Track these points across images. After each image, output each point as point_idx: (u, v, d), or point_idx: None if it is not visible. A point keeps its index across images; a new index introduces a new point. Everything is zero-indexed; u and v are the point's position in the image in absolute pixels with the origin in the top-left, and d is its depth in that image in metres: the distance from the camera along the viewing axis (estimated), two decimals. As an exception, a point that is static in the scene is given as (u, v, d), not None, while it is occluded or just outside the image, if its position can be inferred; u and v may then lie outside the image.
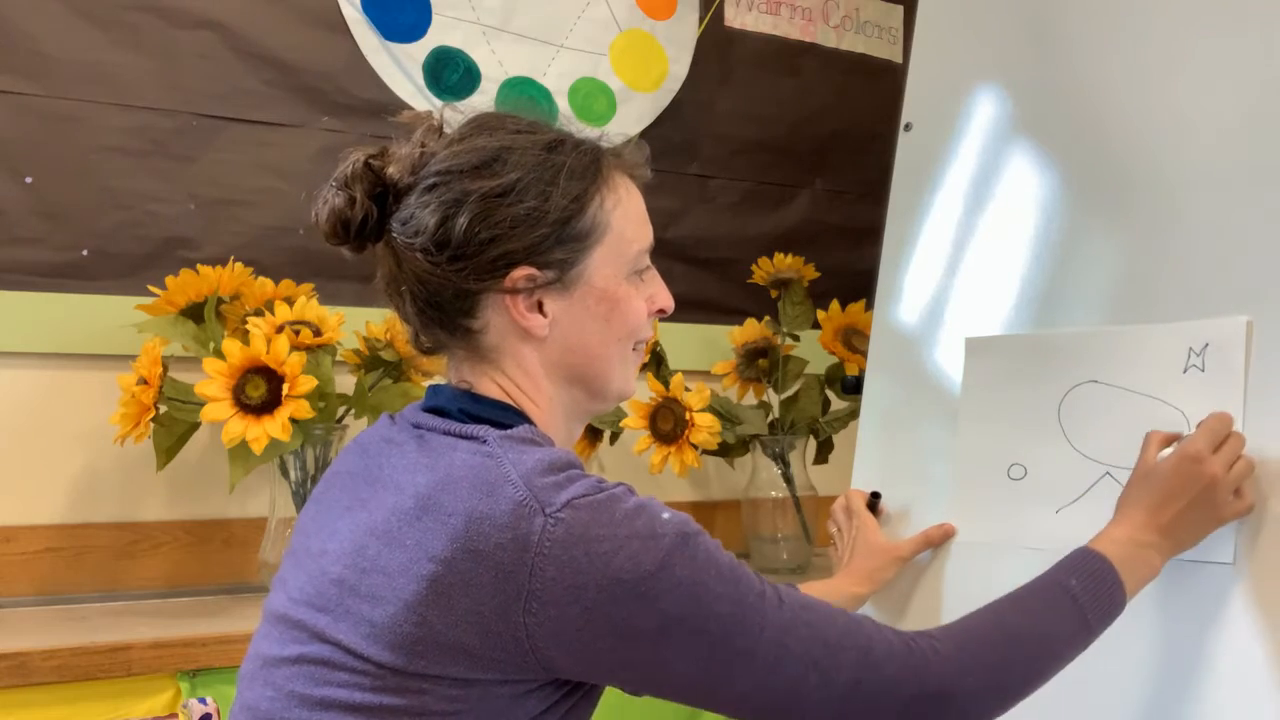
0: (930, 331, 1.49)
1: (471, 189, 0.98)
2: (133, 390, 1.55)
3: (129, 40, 1.76)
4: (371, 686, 0.89)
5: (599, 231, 1.01)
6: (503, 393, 1.02)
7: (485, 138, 1.01)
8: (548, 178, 0.99)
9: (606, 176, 1.03)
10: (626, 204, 1.04)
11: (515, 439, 0.96)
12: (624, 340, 1.05)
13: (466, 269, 0.98)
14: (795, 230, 2.32)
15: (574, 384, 1.04)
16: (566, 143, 1.03)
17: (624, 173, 1.06)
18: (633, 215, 1.05)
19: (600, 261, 1.02)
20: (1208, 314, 1.21)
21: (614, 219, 1.03)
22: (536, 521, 0.89)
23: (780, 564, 2.01)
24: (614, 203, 1.03)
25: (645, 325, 1.07)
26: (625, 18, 2.16)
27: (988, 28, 1.51)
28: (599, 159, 1.04)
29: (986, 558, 1.36)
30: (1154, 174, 1.30)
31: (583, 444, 2.00)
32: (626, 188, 1.05)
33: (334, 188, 1.01)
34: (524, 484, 0.91)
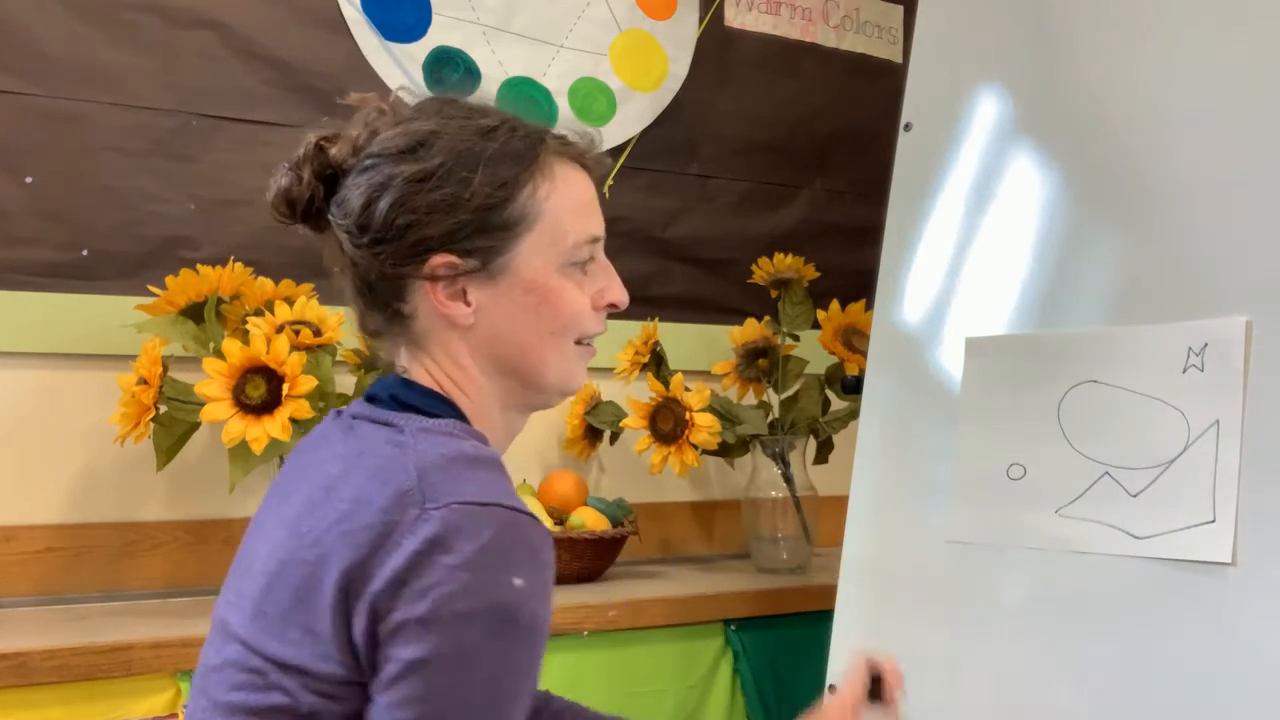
0: (930, 331, 1.49)
1: (395, 173, 0.96)
2: (133, 390, 1.55)
3: (129, 40, 1.76)
4: (264, 685, 0.88)
5: (529, 221, 0.98)
6: (433, 381, 1.00)
7: (421, 121, 0.99)
8: (471, 164, 0.96)
9: (543, 164, 1.00)
10: (564, 193, 1.00)
11: (433, 430, 0.94)
12: (558, 334, 1.01)
13: (385, 254, 0.96)
14: (795, 230, 2.32)
15: (505, 375, 1.01)
16: (500, 129, 0.99)
17: (569, 161, 1.02)
18: (570, 205, 1.01)
19: (529, 251, 0.98)
20: (1208, 314, 1.21)
21: (547, 208, 0.99)
22: (410, 513, 0.86)
23: (780, 564, 2.01)
24: (548, 191, 0.99)
25: (586, 319, 1.02)
26: (625, 18, 2.16)
27: (988, 28, 1.51)
28: (535, 146, 1.00)
29: (986, 558, 1.36)
30: (1154, 174, 1.30)
31: (583, 444, 2.01)
32: (566, 177, 1.01)
33: (285, 167, 1.01)
34: (417, 475, 0.88)
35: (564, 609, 1.65)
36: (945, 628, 1.38)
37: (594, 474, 2.13)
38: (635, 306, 2.09)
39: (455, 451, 0.92)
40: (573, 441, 2.02)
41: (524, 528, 0.88)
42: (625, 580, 1.88)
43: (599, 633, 1.67)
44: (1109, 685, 1.22)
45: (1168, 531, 1.20)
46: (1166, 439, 1.21)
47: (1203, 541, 1.16)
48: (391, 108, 1.02)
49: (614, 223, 2.23)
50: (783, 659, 1.81)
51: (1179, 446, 1.20)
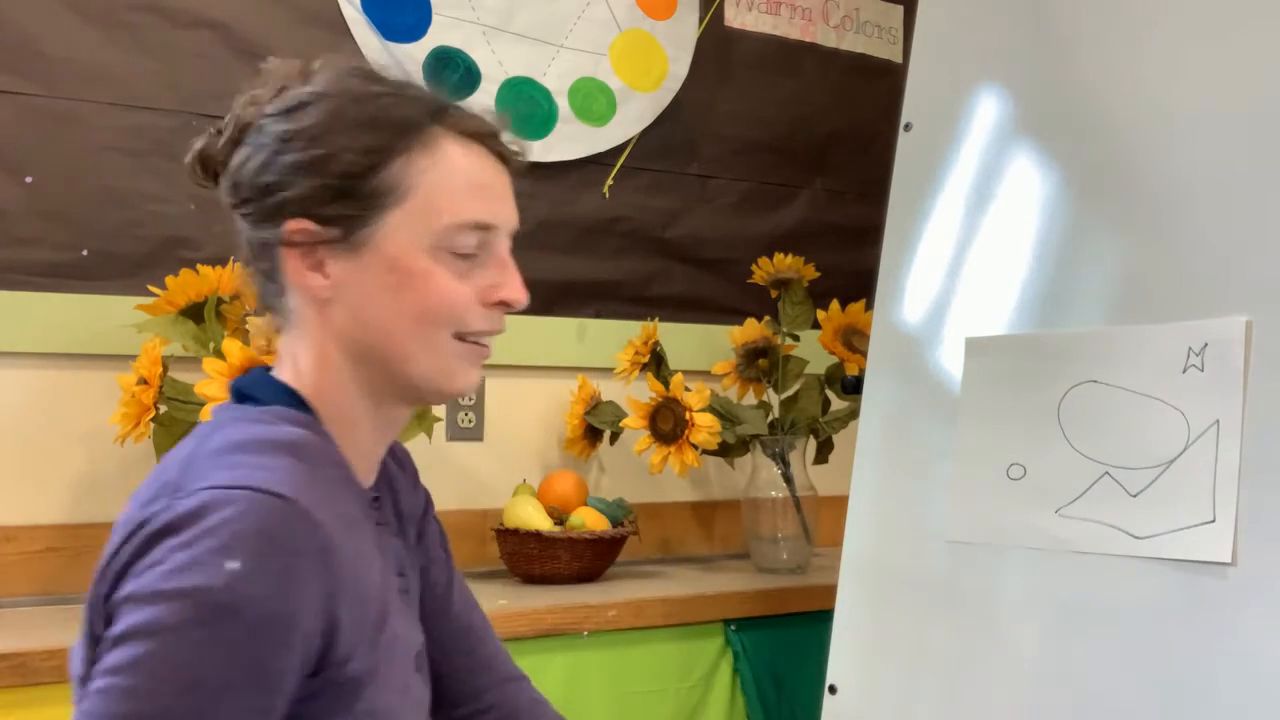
0: (930, 331, 1.49)
1: (271, 132, 0.92)
2: (133, 390, 1.55)
3: (129, 40, 1.76)
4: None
5: (399, 194, 0.91)
6: (293, 368, 0.94)
7: (313, 84, 0.94)
8: (341, 127, 0.91)
9: (428, 137, 0.92)
10: (445, 170, 0.92)
11: (242, 417, 0.90)
12: (423, 322, 0.92)
13: (249, 214, 0.94)
14: (795, 230, 2.32)
15: (368, 362, 0.93)
16: (386, 96, 0.94)
17: (467, 140, 0.94)
18: (451, 184, 0.93)
19: (395, 226, 0.91)
20: (1208, 314, 1.21)
21: (422, 182, 0.91)
22: (160, 504, 0.82)
23: (780, 564, 2.01)
24: (428, 165, 0.92)
25: (463, 311, 0.93)
26: (625, 18, 2.16)
27: (988, 28, 1.51)
28: (424, 117, 0.93)
29: (986, 558, 1.36)
30: (1154, 174, 1.30)
31: (583, 444, 2.01)
32: (454, 154, 0.93)
33: (211, 129, 0.98)
34: (183, 465, 0.85)
35: (564, 609, 1.65)
36: (945, 628, 1.38)
37: (594, 474, 2.13)
38: (635, 306, 2.15)
39: (245, 437, 0.87)
40: (573, 441, 2.02)
41: (264, 511, 0.80)
42: (625, 580, 1.88)
43: (599, 633, 1.67)
44: (1109, 685, 1.22)
45: (1168, 531, 1.20)
46: (1166, 439, 1.21)
47: (1203, 541, 1.16)
48: (306, 73, 0.97)
49: (614, 223, 2.26)
50: (783, 659, 1.81)
51: (1179, 446, 1.20)
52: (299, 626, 0.80)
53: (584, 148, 2.12)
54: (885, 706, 1.44)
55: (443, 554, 1.14)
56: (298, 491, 0.82)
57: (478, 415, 2.03)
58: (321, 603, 0.81)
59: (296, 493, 0.82)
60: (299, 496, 0.81)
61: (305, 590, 0.80)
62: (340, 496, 0.89)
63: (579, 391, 2.00)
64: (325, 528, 0.82)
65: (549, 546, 1.81)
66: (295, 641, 0.80)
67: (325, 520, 0.83)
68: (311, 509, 0.82)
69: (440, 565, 1.13)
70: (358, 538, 0.89)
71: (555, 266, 2.09)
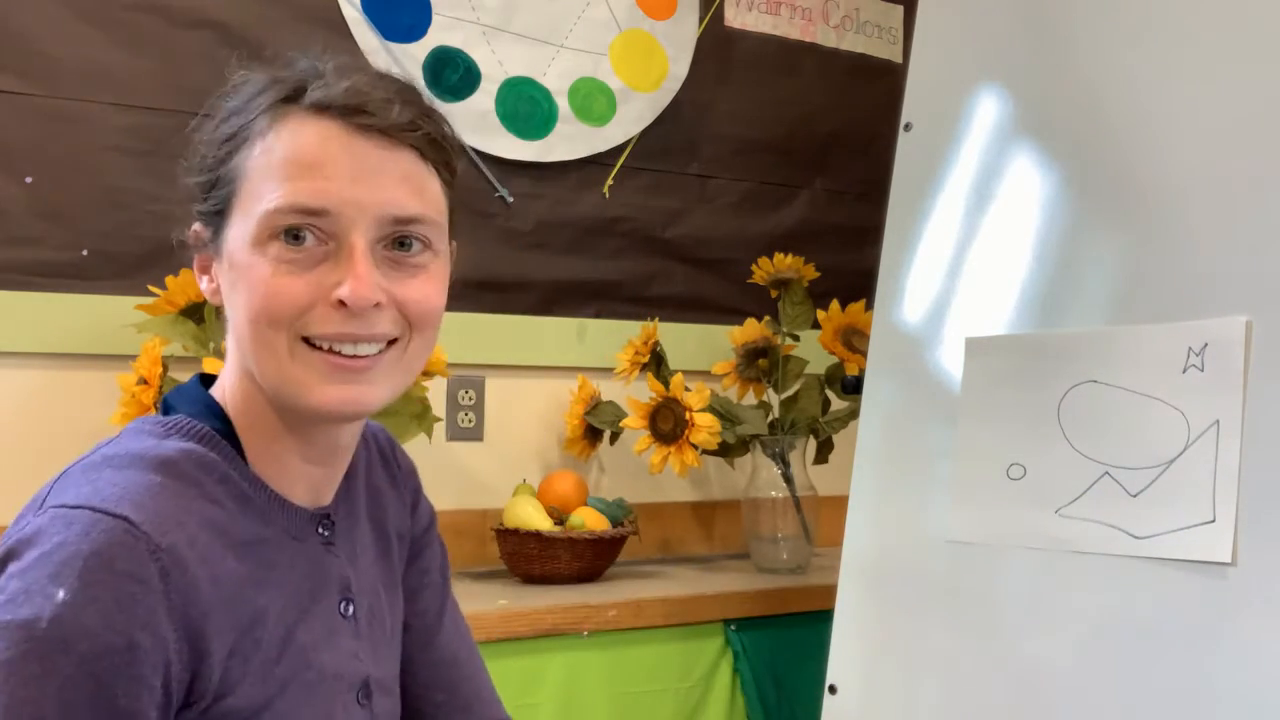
0: (930, 331, 1.49)
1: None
2: (133, 390, 1.55)
3: (129, 40, 1.76)
4: None
5: (235, 185, 0.83)
6: (224, 374, 0.90)
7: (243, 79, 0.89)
8: (218, 119, 0.86)
9: (276, 117, 0.83)
10: (274, 149, 0.82)
11: (138, 429, 0.85)
12: (257, 323, 0.82)
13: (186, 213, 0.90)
14: (795, 230, 2.32)
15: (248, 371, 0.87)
16: (251, 81, 0.87)
17: (318, 114, 0.83)
18: (273, 163, 0.82)
19: (234, 221, 0.84)
20: (1208, 314, 1.21)
21: (251, 169, 0.83)
22: (20, 523, 0.77)
23: (780, 564, 2.01)
24: (263, 149, 0.82)
25: (297, 311, 0.82)
26: (625, 18, 2.16)
27: (988, 28, 1.51)
28: (270, 97, 0.84)
29: (986, 558, 1.36)
30: (1154, 174, 1.30)
31: (583, 444, 2.00)
32: (289, 130, 0.83)
33: None
34: (60, 478, 0.81)
35: (564, 609, 1.65)
36: (945, 628, 1.38)
37: (594, 474, 2.13)
38: (635, 306, 2.15)
39: (118, 451, 0.81)
40: (573, 441, 2.02)
41: (99, 532, 0.73)
42: (625, 580, 1.88)
43: (599, 633, 1.67)
44: (1109, 685, 1.22)
45: (1168, 531, 1.20)
46: (1166, 439, 1.21)
47: (1203, 541, 1.16)
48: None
49: (614, 223, 2.26)
50: (783, 659, 1.81)
51: (1179, 446, 1.20)
52: (143, 658, 0.73)
53: (584, 148, 2.12)
54: (885, 706, 1.44)
55: (439, 579, 1.08)
56: (141, 510, 0.75)
57: (478, 415, 2.03)
58: (174, 629, 0.75)
59: (139, 512, 0.75)
60: (141, 516, 0.75)
61: (147, 618, 0.73)
62: (230, 515, 0.82)
63: (579, 391, 2.00)
64: (176, 549, 0.75)
65: (549, 546, 1.81)
66: (143, 674, 0.73)
67: (179, 541, 0.76)
68: (158, 529, 0.75)
69: (433, 591, 1.07)
70: (253, 559, 0.83)
71: (555, 266, 2.09)
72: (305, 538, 0.89)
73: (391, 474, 1.05)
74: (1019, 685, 1.30)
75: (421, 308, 0.85)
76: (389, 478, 1.04)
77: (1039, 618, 1.30)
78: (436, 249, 0.87)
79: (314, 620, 0.87)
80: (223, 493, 0.83)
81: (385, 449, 1.06)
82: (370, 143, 0.82)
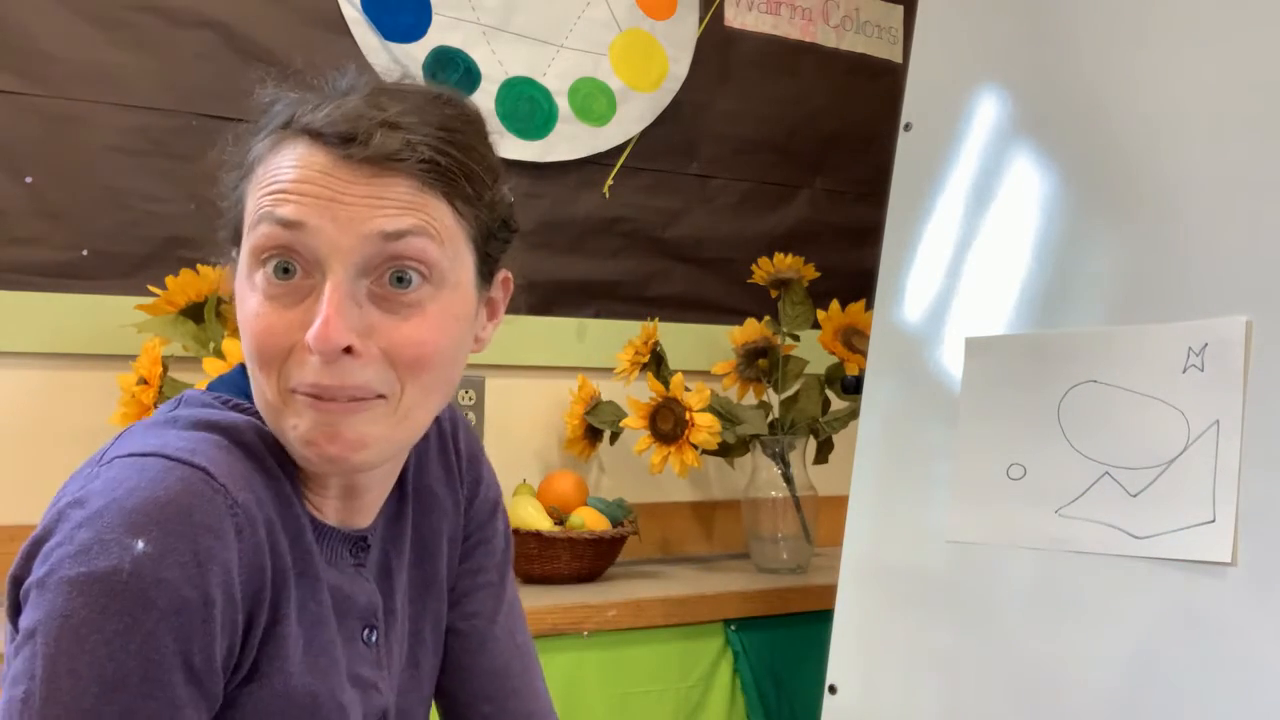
0: (930, 331, 1.49)
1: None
2: (133, 390, 1.55)
3: (129, 40, 1.76)
4: None
5: (240, 212, 0.81)
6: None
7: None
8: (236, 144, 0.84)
9: (273, 142, 0.79)
10: (265, 176, 0.78)
11: (197, 399, 0.82)
12: (255, 367, 0.77)
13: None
14: (795, 230, 2.32)
15: None
16: (270, 104, 0.82)
17: (311, 139, 0.77)
18: (260, 191, 0.77)
19: (239, 252, 0.81)
20: (1208, 314, 1.21)
21: (249, 195, 0.79)
22: (83, 475, 0.76)
23: (780, 564, 2.01)
24: (258, 177, 0.79)
25: (278, 356, 0.75)
26: (625, 18, 2.16)
27: (988, 28, 1.51)
28: (278, 121, 0.80)
29: (986, 558, 1.36)
30: (1154, 174, 1.30)
31: (583, 444, 2.00)
32: (285, 154, 0.77)
33: None
34: (123, 434, 0.79)
35: (564, 609, 1.65)
36: (945, 628, 1.38)
37: (594, 474, 2.13)
38: (635, 306, 2.15)
39: (184, 413, 0.78)
40: (573, 441, 2.02)
41: (179, 480, 0.71)
42: (625, 580, 1.88)
43: (599, 633, 1.67)
44: (1109, 685, 1.22)
45: (1168, 531, 1.20)
46: (1166, 439, 1.21)
47: (1203, 541, 1.16)
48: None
49: (614, 223, 2.25)
50: (783, 659, 1.81)
51: (1179, 446, 1.20)
52: (218, 616, 0.71)
53: (584, 148, 2.12)
54: (885, 706, 1.44)
55: (495, 579, 1.01)
56: (216, 465, 0.72)
57: (478, 415, 2.03)
58: (242, 590, 0.72)
59: (215, 466, 0.72)
60: (217, 470, 0.72)
61: (223, 575, 0.71)
62: (288, 497, 0.79)
63: (579, 391, 2.00)
64: (250, 508, 0.73)
65: (549, 546, 1.81)
66: (216, 632, 0.71)
67: (251, 500, 0.73)
68: (233, 485, 0.73)
69: (488, 593, 1.00)
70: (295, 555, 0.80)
71: (555, 266, 2.09)
72: (336, 562, 0.84)
73: (448, 466, 0.97)
74: (1019, 685, 1.30)
75: (411, 354, 0.76)
76: (444, 472, 0.97)
77: (1039, 618, 1.30)
78: (441, 281, 0.77)
79: (339, 641, 0.83)
80: (276, 463, 0.79)
81: (446, 434, 0.98)
82: (359, 171, 0.75)
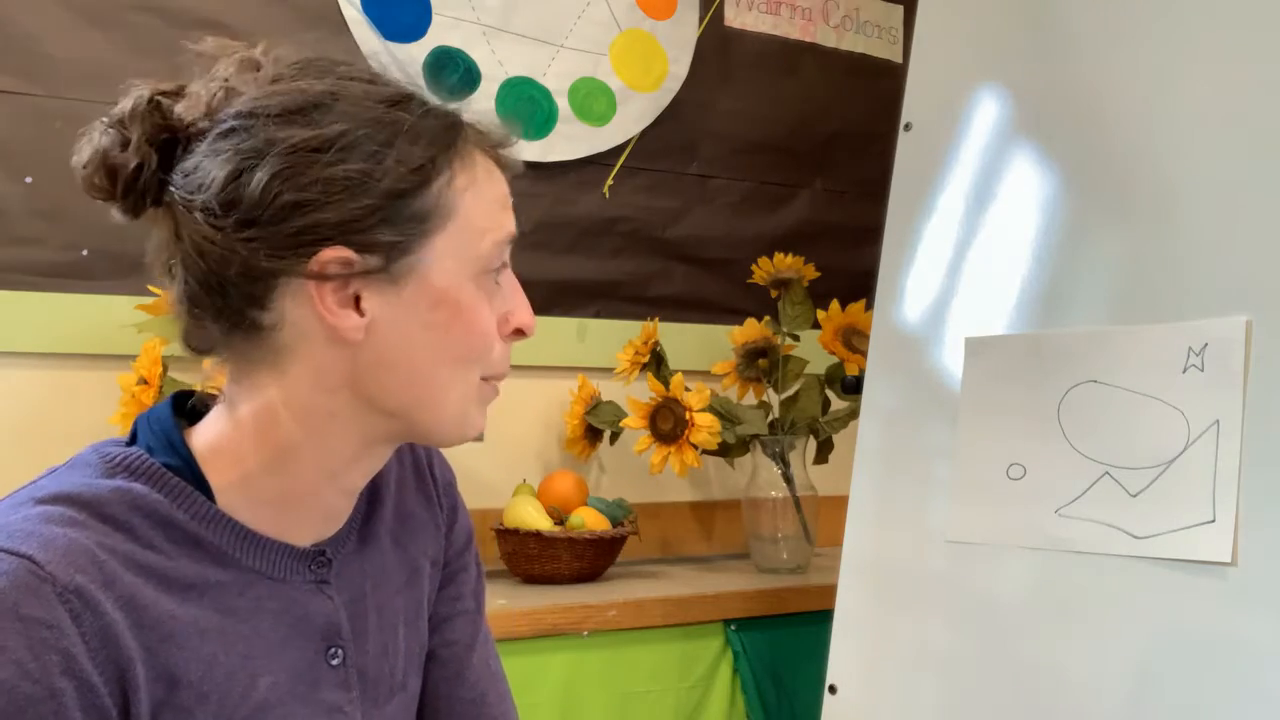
0: (930, 331, 1.49)
1: (279, 137, 0.76)
2: (133, 390, 1.55)
3: (129, 40, 1.76)
4: None
5: (442, 215, 0.79)
6: (232, 412, 0.81)
7: (311, 80, 0.79)
8: (383, 137, 0.77)
9: (461, 150, 0.81)
10: (484, 186, 0.82)
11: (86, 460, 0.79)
12: (463, 364, 0.81)
13: (259, 240, 0.76)
14: (795, 230, 2.32)
15: (382, 410, 0.81)
16: (414, 100, 0.81)
17: (484, 152, 0.84)
18: (489, 199, 0.83)
19: (442, 253, 0.79)
20: (1208, 314, 1.21)
21: (463, 202, 0.80)
22: None
23: (780, 564, 2.01)
24: (467, 182, 0.81)
25: (494, 351, 0.83)
26: (625, 18, 2.16)
27: (988, 28, 1.51)
28: (455, 126, 0.82)
29: (986, 558, 1.36)
30: (1154, 174, 1.30)
31: (583, 444, 2.00)
32: (487, 170, 0.83)
33: (103, 124, 0.80)
34: None
35: (564, 609, 1.65)
36: (945, 628, 1.38)
37: (594, 474, 2.13)
38: (635, 306, 2.15)
39: (53, 485, 0.75)
40: (573, 441, 2.02)
41: (3, 575, 0.68)
42: (625, 580, 1.88)
43: (599, 633, 1.67)
44: (1109, 685, 1.22)
45: (1168, 531, 1.20)
46: (1166, 439, 1.21)
47: (1203, 541, 1.16)
48: (257, 62, 0.81)
49: (614, 223, 2.26)
50: (783, 659, 1.81)
51: (1179, 446, 1.20)
52: (70, 705, 0.68)
53: (584, 148, 2.12)
54: (885, 706, 1.44)
55: (472, 606, 1.01)
56: (50, 549, 0.70)
57: (478, 415, 2.03)
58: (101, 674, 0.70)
59: (46, 550, 0.69)
60: (48, 555, 0.69)
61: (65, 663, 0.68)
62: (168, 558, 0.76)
63: (579, 391, 2.00)
64: (86, 591, 0.70)
65: (549, 546, 1.81)
66: (73, 715, 0.68)
67: (92, 582, 0.70)
68: (65, 569, 0.69)
69: (466, 620, 1.00)
70: (201, 604, 0.77)
71: (555, 266, 2.09)
72: (288, 578, 0.82)
73: (426, 493, 0.98)
74: (1019, 685, 1.30)
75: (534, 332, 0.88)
76: (423, 498, 0.97)
77: (1039, 618, 1.30)
78: None
79: (285, 671, 0.81)
80: (159, 536, 0.76)
81: (421, 462, 0.99)
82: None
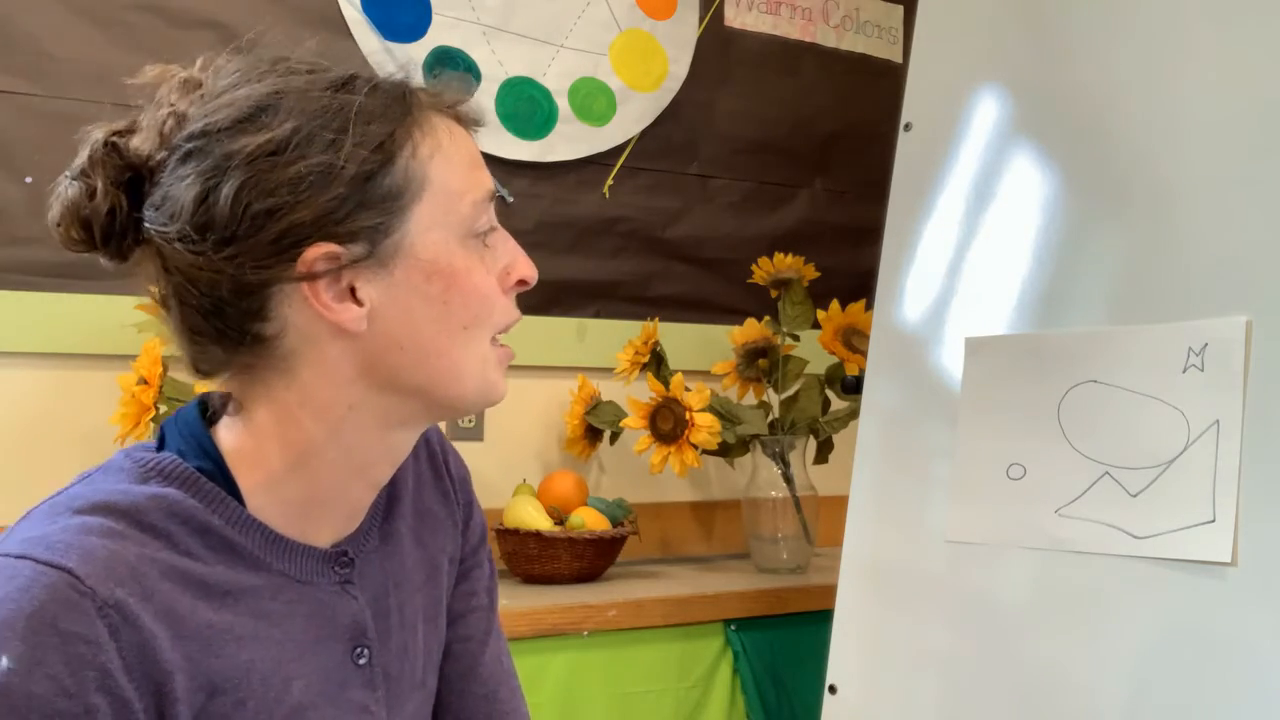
0: (930, 331, 1.49)
1: (234, 149, 0.75)
2: (133, 390, 1.55)
3: (129, 40, 1.76)
4: None
5: (415, 187, 0.78)
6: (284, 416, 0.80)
7: (252, 85, 0.78)
8: (337, 124, 0.77)
9: (418, 118, 0.80)
10: (450, 150, 0.81)
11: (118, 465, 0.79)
12: (470, 330, 0.81)
13: (242, 254, 0.75)
14: (795, 230, 2.32)
15: (399, 391, 0.81)
16: (358, 79, 0.80)
17: (441, 113, 0.82)
18: (458, 161, 0.81)
19: (424, 225, 0.79)
20: (1208, 314, 1.21)
21: (433, 169, 0.79)
22: None
23: (780, 564, 2.01)
24: (432, 148, 0.80)
25: (501, 306, 0.84)
26: (625, 18, 2.16)
27: (988, 28, 1.51)
28: (406, 95, 0.81)
29: (986, 558, 1.36)
30: (1154, 174, 1.30)
31: (583, 444, 2.00)
32: (448, 130, 0.82)
33: (67, 178, 0.79)
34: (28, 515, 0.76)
35: (564, 609, 1.65)
36: (945, 628, 1.38)
37: (594, 474, 2.13)
38: (635, 306, 2.15)
39: (89, 492, 0.76)
40: (573, 441, 2.02)
41: (44, 589, 0.68)
42: (625, 580, 1.88)
43: (599, 633, 1.67)
44: (1108, 685, 1.22)
45: (1168, 531, 1.20)
46: (1166, 439, 1.21)
47: (1203, 541, 1.16)
48: (198, 80, 0.81)
49: (614, 223, 2.26)
50: (783, 659, 1.81)
51: (1179, 446, 1.20)
52: (101, 717, 0.69)
53: (584, 148, 2.12)
54: (885, 706, 1.44)
55: (486, 603, 1.01)
56: (90, 562, 0.70)
57: (478, 415, 2.03)
58: (136, 688, 0.70)
59: (86, 564, 0.70)
60: (88, 568, 0.70)
61: (101, 679, 0.69)
62: (206, 565, 0.77)
63: (579, 391, 2.00)
64: (126, 605, 0.70)
65: (549, 546, 1.81)
66: None
67: (131, 595, 0.71)
68: (105, 583, 0.70)
69: (479, 615, 1.00)
70: (237, 610, 0.77)
71: (555, 266, 2.09)
72: (314, 580, 0.83)
73: (444, 490, 0.98)
74: (1018, 685, 1.30)
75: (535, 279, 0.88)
76: (440, 495, 0.98)
77: (1039, 618, 1.30)
78: None
79: (316, 672, 0.81)
80: (196, 542, 0.77)
81: (437, 457, 0.99)
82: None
